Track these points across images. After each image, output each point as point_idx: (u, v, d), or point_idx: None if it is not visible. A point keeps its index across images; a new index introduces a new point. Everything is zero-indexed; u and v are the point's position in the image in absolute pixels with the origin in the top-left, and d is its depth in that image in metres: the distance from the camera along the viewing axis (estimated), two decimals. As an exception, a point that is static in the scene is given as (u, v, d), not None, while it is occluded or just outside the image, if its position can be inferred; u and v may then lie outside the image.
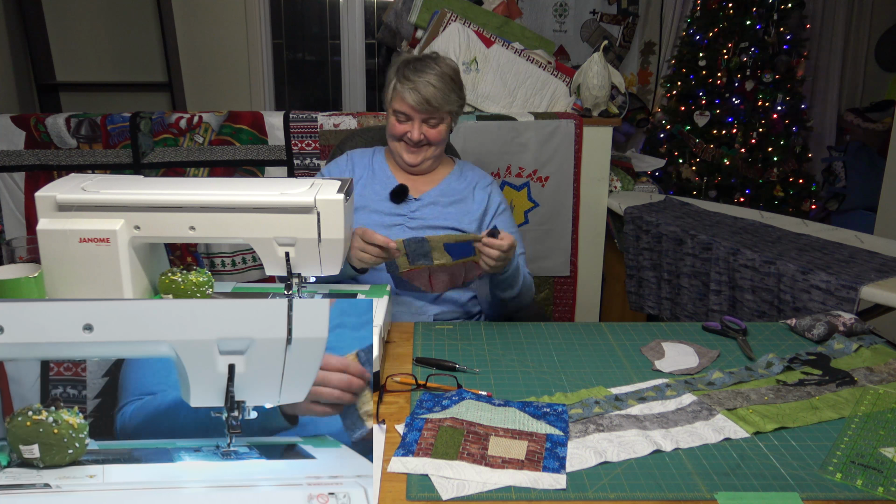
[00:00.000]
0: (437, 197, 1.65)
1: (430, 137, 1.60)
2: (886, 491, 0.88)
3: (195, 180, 1.29)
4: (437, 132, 1.60)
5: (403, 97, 1.55)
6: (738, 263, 2.04)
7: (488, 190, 1.70)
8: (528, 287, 1.63)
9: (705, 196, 3.62)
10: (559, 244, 2.69)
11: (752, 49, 3.51)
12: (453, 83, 1.59)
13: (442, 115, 1.59)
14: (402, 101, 1.56)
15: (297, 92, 4.14)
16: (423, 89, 1.53)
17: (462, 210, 1.65)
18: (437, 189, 1.67)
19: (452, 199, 1.66)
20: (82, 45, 3.59)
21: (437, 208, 1.64)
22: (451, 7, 2.80)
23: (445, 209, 1.64)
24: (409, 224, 1.62)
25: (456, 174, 1.71)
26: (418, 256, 1.40)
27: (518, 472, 0.90)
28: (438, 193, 1.66)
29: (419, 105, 1.54)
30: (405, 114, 1.57)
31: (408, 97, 1.54)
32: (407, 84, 1.55)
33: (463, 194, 1.67)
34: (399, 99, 1.57)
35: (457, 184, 1.69)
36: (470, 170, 1.74)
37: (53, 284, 1.16)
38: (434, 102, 1.55)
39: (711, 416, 1.06)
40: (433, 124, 1.59)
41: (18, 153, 2.44)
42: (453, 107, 1.61)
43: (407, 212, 1.63)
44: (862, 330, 1.38)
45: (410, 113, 1.56)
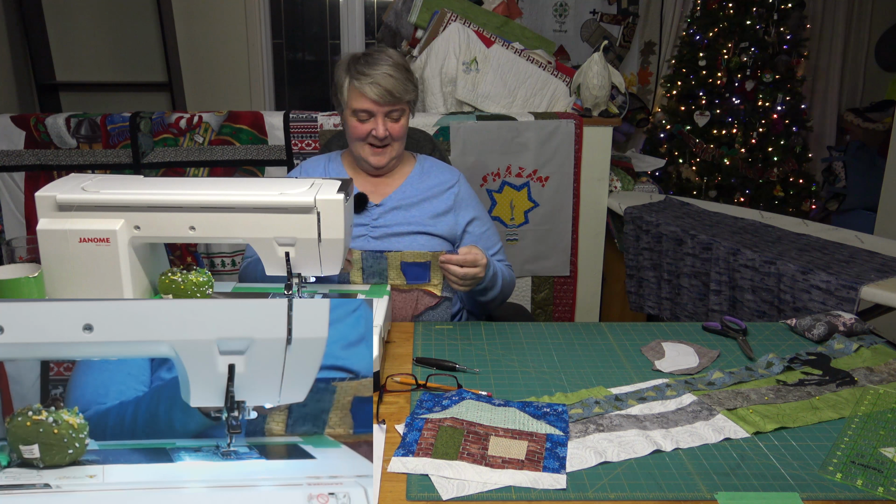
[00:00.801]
0: (400, 200, 1.59)
1: (394, 133, 1.55)
2: (886, 491, 0.87)
3: (195, 180, 1.29)
4: (400, 126, 1.56)
5: (363, 92, 1.50)
6: (738, 263, 2.04)
7: (455, 188, 1.64)
8: (508, 284, 1.59)
9: (705, 196, 3.63)
10: (559, 244, 2.69)
11: (752, 49, 3.51)
12: (406, 71, 1.55)
13: (403, 106, 1.55)
14: (362, 98, 1.51)
15: (297, 92, 4.14)
16: (383, 81, 1.49)
17: (426, 210, 1.59)
18: (400, 191, 1.61)
19: (416, 199, 1.60)
20: (82, 45, 3.59)
21: (400, 213, 1.58)
22: (451, 7, 2.80)
23: (409, 212, 1.58)
24: (373, 234, 1.55)
25: (418, 172, 1.65)
26: (373, 274, 1.37)
27: (518, 472, 0.90)
28: (401, 196, 1.60)
29: (382, 98, 1.49)
30: (367, 111, 1.52)
31: (368, 91, 1.49)
32: (364, 79, 1.49)
33: (427, 193, 1.61)
34: (358, 96, 1.51)
35: (419, 182, 1.63)
36: (432, 166, 1.68)
37: (53, 284, 1.16)
38: (396, 93, 1.50)
39: (711, 416, 1.06)
40: (396, 117, 1.54)
41: (18, 153, 2.44)
42: (411, 96, 1.57)
43: (369, 220, 1.57)
44: (862, 330, 1.38)
45: (373, 108, 1.51)
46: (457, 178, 1.67)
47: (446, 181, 1.64)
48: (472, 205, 1.65)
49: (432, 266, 1.46)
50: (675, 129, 3.68)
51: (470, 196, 1.67)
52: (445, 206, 1.61)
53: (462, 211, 1.63)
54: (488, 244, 1.64)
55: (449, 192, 1.63)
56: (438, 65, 2.73)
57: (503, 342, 1.36)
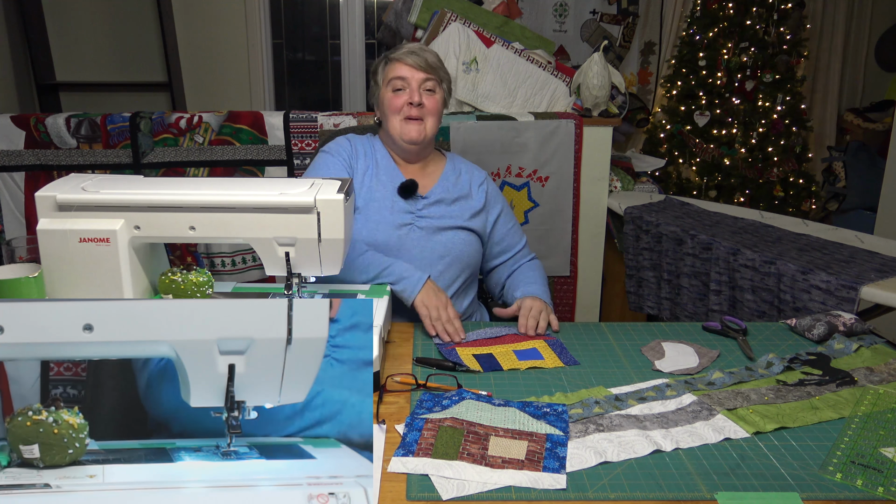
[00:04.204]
0: (442, 194, 1.64)
1: (429, 106, 1.58)
2: (886, 491, 0.87)
3: (195, 180, 1.29)
4: (434, 101, 1.59)
5: (401, 60, 1.56)
6: (738, 263, 2.04)
7: (485, 186, 1.71)
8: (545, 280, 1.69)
9: (705, 196, 3.63)
10: (559, 244, 2.69)
11: (752, 49, 3.51)
12: (441, 63, 1.62)
13: (437, 79, 1.60)
14: (398, 67, 1.57)
15: (297, 92, 4.14)
16: (419, 51, 1.57)
17: (464, 207, 1.65)
18: (440, 186, 1.65)
19: (455, 195, 1.65)
20: (82, 45, 3.59)
21: (443, 207, 1.63)
22: (451, 7, 2.80)
23: (450, 207, 1.63)
24: (419, 223, 1.59)
25: (451, 169, 1.70)
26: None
27: (518, 472, 0.90)
28: (442, 191, 1.64)
29: (417, 64, 1.55)
30: (402, 77, 1.56)
31: (405, 59, 1.56)
32: (400, 52, 1.57)
33: (463, 191, 1.67)
34: (394, 67, 1.57)
35: (454, 179, 1.68)
36: (462, 163, 1.74)
37: (53, 284, 1.16)
38: (431, 62, 1.57)
39: (711, 416, 1.06)
40: (430, 89, 1.59)
41: (18, 153, 2.44)
42: (446, 80, 1.63)
43: (415, 210, 1.60)
44: (862, 330, 1.38)
45: (409, 75, 1.56)
46: (484, 176, 1.73)
47: (477, 179, 1.71)
48: (500, 202, 1.73)
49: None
50: (675, 129, 3.68)
51: (497, 194, 1.74)
52: (479, 205, 1.67)
53: (492, 209, 1.70)
54: (515, 239, 1.73)
55: (480, 190, 1.69)
56: (438, 65, 2.73)
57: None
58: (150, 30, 3.59)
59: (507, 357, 1.28)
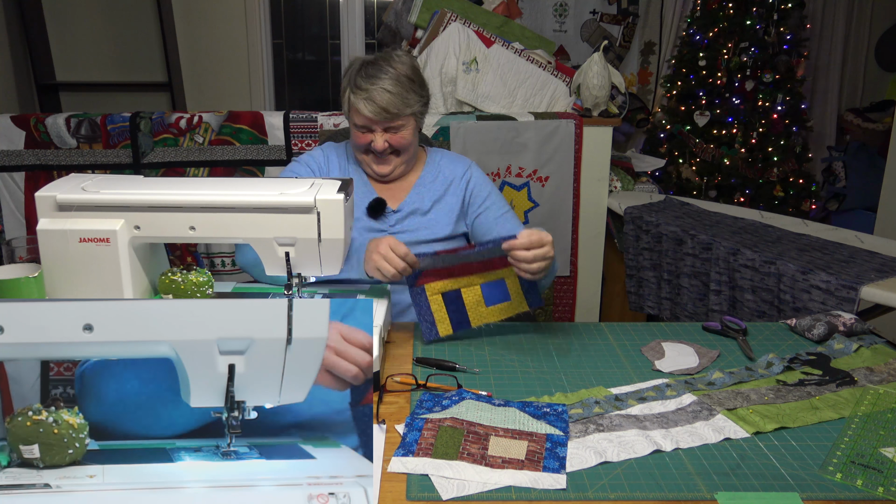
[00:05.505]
0: (416, 204, 1.56)
1: (395, 144, 1.50)
2: (886, 491, 0.87)
3: (195, 180, 1.29)
4: (401, 138, 1.50)
5: (358, 109, 1.46)
6: (738, 263, 2.04)
7: (467, 176, 1.60)
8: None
9: (705, 196, 3.63)
10: (559, 244, 2.69)
11: (752, 49, 3.51)
12: (411, 83, 1.48)
13: (403, 120, 1.49)
14: (357, 114, 1.47)
15: (297, 92, 4.14)
16: (378, 97, 1.43)
17: (441, 212, 1.57)
18: (413, 195, 1.58)
19: (431, 202, 1.57)
20: (82, 45, 3.59)
21: (417, 218, 1.56)
22: (451, 7, 2.80)
23: (425, 217, 1.56)
24: None
25: (430, 170, 1.61)
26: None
27: (518, 472, 0.90)
28: (415, 201, 1.57)
29: (376, 114, 1.45)
30: (364, 126, 1.49)
31: (363, 108, 1.45)
32: (360, 94, 1.45)
33: (440, 192, 1.58)
34: (355, 111, 1.47)
35: (432, 180, 1.60)
36: (443, 158, 1.64)
37: (53, 284, 1.16)
38: (392, 109, 1.44)
39: (711, 416, 1.06)
40: (396, 130, 1.49)
41: (18, 153, 2.44)
42: (415, 108, 1.50)
43: (387, 227, 1.54)
44: (862, 330, 1.38)
45: (369, 124, 1.48)
46: (467, 166, 1.63)
47: (459, 171, 1.61)
48: (485, 190, 1.61)
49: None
50: (675, 129, 3.69)
51: (482, 182, 1.61)
52: (459, 204, 1.58)
53: (473, 202, 1.59)
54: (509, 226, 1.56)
55: (461, 185, 1.59)
56: (438, 65, 2.73)
57: (503, 342, 1.36)
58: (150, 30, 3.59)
59: (474, 299, 1.32)
